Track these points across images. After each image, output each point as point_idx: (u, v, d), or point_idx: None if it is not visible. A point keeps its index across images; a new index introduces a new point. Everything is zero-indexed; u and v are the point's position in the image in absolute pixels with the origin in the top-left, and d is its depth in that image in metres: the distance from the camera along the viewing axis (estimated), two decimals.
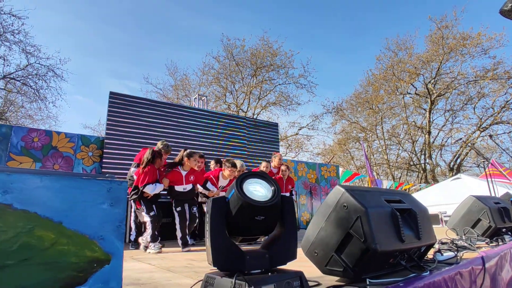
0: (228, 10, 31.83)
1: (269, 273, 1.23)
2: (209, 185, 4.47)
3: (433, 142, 21.44)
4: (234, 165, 4.54)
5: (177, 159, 4.17)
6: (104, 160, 5.38)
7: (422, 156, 22.02)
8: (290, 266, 1.31)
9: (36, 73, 16.03)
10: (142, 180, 3.74)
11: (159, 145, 4.30)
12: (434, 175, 20.42)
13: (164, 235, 4.26)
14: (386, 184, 14.99)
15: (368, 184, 13.26)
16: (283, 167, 5.25)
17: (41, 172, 0.58)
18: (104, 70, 36.80)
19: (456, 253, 2.01)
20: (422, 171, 21.56)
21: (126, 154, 5.53)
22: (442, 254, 2.07)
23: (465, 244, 2.57)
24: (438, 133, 21.39)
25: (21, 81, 16.17)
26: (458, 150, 20.24)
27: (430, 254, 2.02)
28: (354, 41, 34.79)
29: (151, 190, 3.78)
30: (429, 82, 19.23)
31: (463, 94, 18.70)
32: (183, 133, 6.43)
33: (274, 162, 5.47)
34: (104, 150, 5.44)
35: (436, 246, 2.24)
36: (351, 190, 1.53)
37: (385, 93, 20.64)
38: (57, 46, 36.67)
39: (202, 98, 7.54)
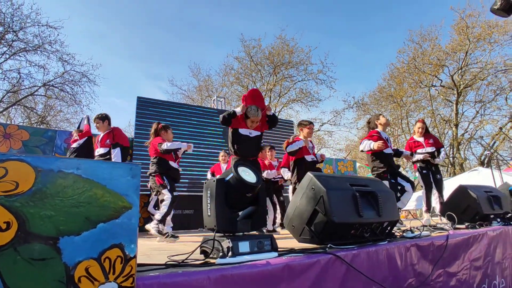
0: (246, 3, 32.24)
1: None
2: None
3: (463, 135, 20.73)
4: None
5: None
6: (134, 158, 6.05)
7: (451, 150, 21.36)
8: (280, 239, 1.75)
9: (72, 80, 17.35)
10: (155, 145, 3.87)
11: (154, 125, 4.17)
12: (463, 169, 19.75)
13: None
14: None
15: None
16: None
17: (97, 160, 1.09)
18: (137, 72, 38.69)
19: (421, 231, 2.34)
20: (450, 165, 20.93)
21: None
22: (412, 232, 2.41)
23: (446, 227, 2.88)
24: (468, 125, 20.65)
25: (59, 88, 17.61)
26: (489, 143, 19.45)
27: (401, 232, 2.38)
28: (379, 36, 34.07)
29: (167, 146, 3.84)
30: (455, 73, 18.61)
31: (492, 84, 17.94)
32: (202, 132, 6.99)
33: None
34: (134, 151, 6.11)
35: (408, 225, 2.58)
36: (318, 176, 1.94)
37: (409, 86, 20.20)
38: (90, 51, 38.96)
39: (221, 100, 8.08)
